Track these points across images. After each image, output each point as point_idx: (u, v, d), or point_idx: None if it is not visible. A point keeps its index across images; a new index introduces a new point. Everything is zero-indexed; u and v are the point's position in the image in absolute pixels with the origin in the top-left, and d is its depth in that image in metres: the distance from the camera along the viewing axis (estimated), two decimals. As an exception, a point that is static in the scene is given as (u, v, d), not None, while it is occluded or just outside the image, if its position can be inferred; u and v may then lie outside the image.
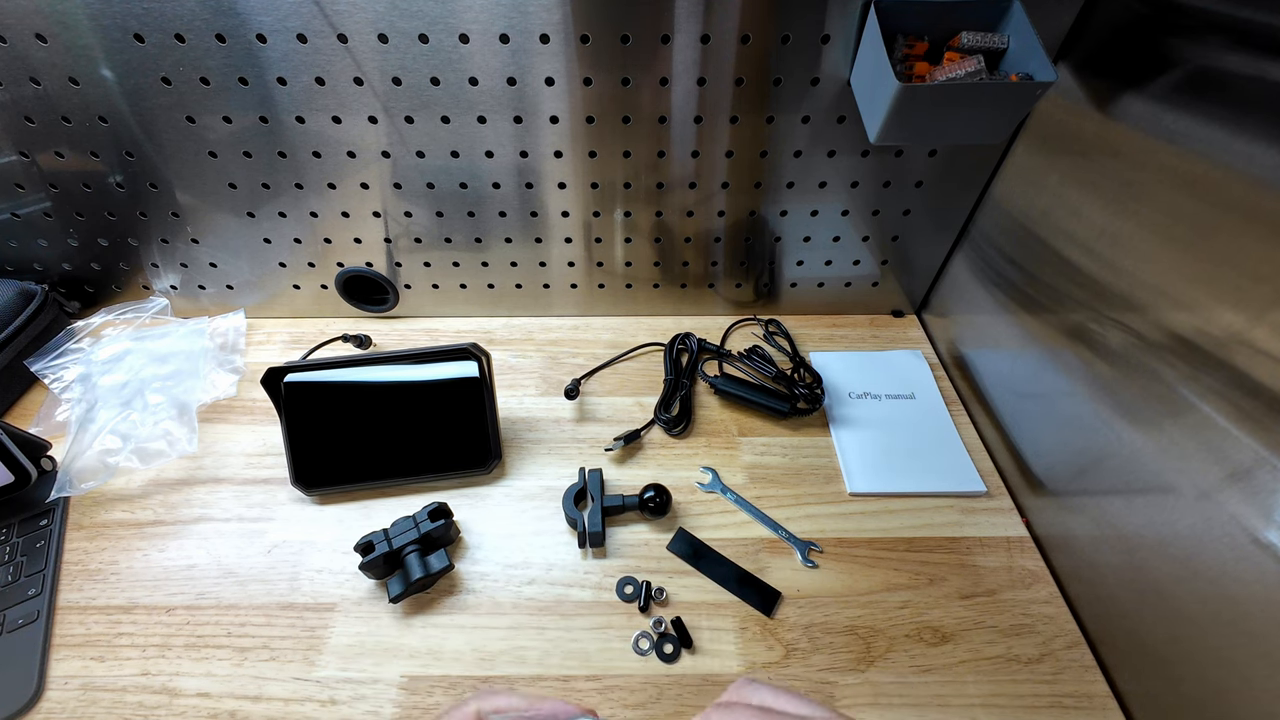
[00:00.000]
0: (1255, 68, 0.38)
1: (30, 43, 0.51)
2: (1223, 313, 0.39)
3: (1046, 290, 0.55)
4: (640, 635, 0.49)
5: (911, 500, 0.58)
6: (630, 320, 0.76)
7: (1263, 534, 0.36)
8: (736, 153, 0.61)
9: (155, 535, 0.54)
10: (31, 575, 0.51)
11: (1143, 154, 0.45)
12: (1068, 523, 0.52)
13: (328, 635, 0.48)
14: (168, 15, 0.50)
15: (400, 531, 0.51)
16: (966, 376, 0.67)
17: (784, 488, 0.59)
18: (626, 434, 0.61)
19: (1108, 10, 0.49)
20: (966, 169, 0.62)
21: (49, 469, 0.57)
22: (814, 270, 0.73)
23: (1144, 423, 0.45)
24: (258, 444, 0.61)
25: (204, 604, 0.50)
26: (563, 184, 0.63)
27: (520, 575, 0.52)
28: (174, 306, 0.72)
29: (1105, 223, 0.48)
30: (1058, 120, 0.54)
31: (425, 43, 0.52)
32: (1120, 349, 0.47)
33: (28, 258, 0.68)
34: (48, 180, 0.61)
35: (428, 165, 0.61)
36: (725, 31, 0.52)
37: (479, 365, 0.57)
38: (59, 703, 0.45)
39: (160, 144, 0.58)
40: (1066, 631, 0.49)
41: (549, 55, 0.53)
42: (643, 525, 0.56)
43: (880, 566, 0.53)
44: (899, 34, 0.50)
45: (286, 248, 0.68)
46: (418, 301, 0.75)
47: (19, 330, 0.63)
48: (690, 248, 0.70)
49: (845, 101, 0.56)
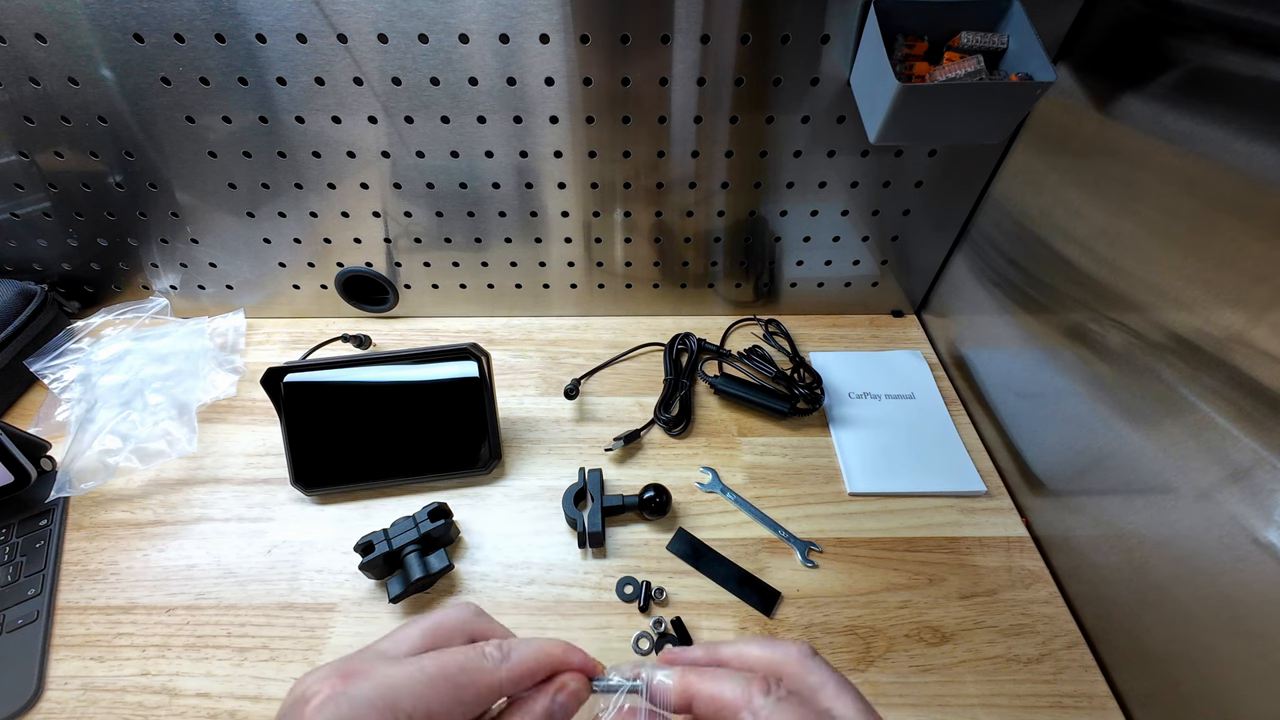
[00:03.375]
0: (1255, 68, 0.38)
1: (30, 43, 0.51)
2: (1223, 313, 0.39)
3: (1046, 290, 0.55)
4: (640, 635, 0.49)
5: (911, 500, 0.58)
6: (630, 320, 0.76)
7: (1262, 534, 0.36)
8: (736, 153, 0.61)
9: (155, 535, 0.54)
10: (31, 575, 0.51)
11: (1142, 154, 0.45)
12: (1068, 523, 0.52)
13: (328, 635, 0.48)
14: (167, 15, 0.50)
15: (400, 531, 0.51)
16: (966, 376, 0.67)
17: (784, 488, 0.59)
18: (626, 434, 0.61)
19: (1107, 10, 0.49)
20: (966, 169, 0.62)
21: (49, 469, 0.57)
22: (814, 270, 0.73)
23: (1144, 423, 0.45)
24: (258, 444, 0.61)
25: (204, 604, 0.50)
26: (562, 184, 0.63)
27: (520, 575, 0.52)
28: (174, 306, 0.71)
29: (1105, 223, 0.48)
30: (1058, 120, 0.54)
31: (425, 43, 0.52)
32: (1120, 349, 0.47)
33: (27, 258, 0.68)
34: (47, 180, 0.61)
35: (427, 165, 0.61)
36: (725, 31, 0.52)
37: (479, 365, 0.57)
38: (59, 703, 0.45)
39: (160, 144, 0.58)
40: (1066, 631, 0.49)
41: (549, 55, 0.53)
42: (643, 525, 0.56)
43: (880, 566, 0.53)
44: (899, 34, 0.50)
45: (286, 248, 0.68)
46: (417, 301, 0.75)
47: (19, 330, 0.63)
48: (690, 248, 0.70)
49: (845, 101, 0.56)
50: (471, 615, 0.28)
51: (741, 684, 0.23)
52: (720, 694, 0.23)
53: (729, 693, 0.23)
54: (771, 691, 0.23)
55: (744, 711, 0.23)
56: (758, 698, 0.23)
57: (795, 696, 0.23)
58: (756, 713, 0.22)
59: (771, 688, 0.23)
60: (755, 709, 0.23)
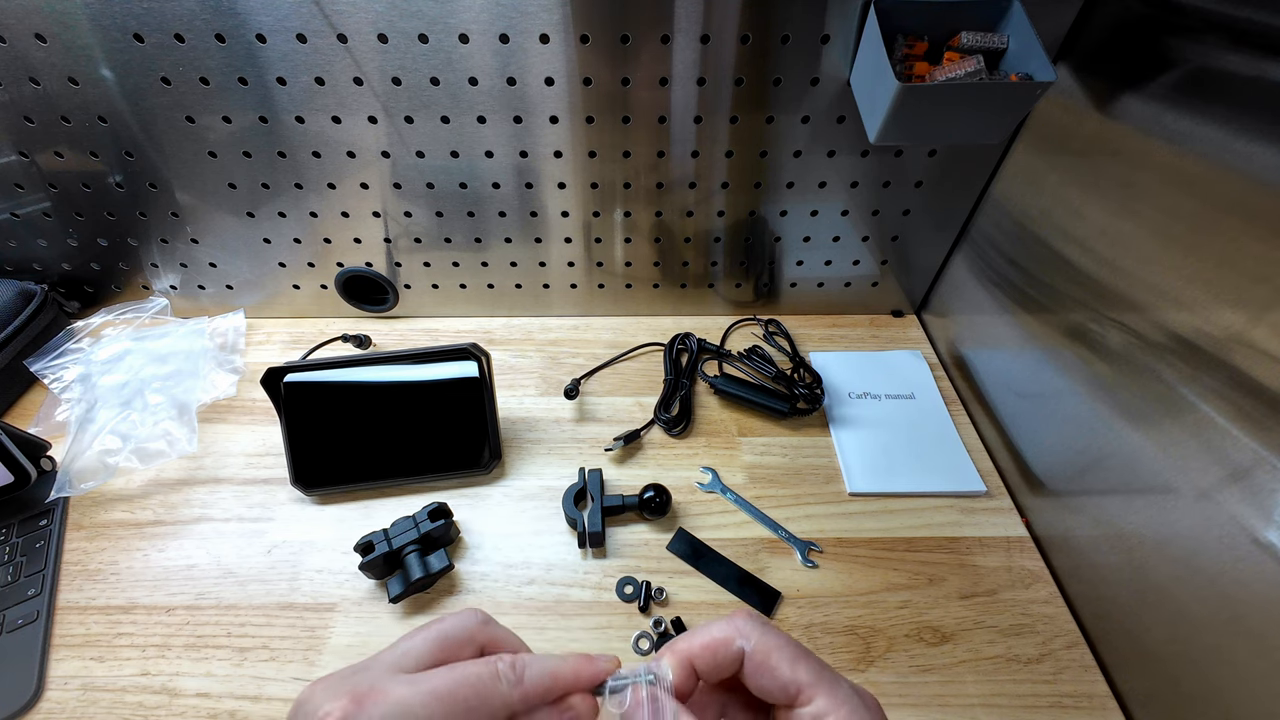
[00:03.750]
0: (1255, 68, 0.38)
1: (30, 43, 0.51)
2: (1222, 313, 0.39)
3: (1046, 290, 0.55)
4: (640, 635, 0.49)
5: (911, 500, 0.58)
6: (630, 320, 0.76)
7: (1262, 534, 0.36)
8: (736, 153, 0.61)
9: (155, 535, 0.54)
10: (31, 575, 0.51)
11: (1143, 154, 0.45)
12: (1068, 523, 0.52)
13: (328, 635, 0.48)
14: (167, 15, 0.50)
15: (400, 531, 0.51)
16: (966, 376, 0.67)
17: (784, 488, 0.59)
18: (626, 434, 0.61)
19: (1107, 10, 0.49)
20: (966, 169, 0.62)
21: (49, 469, 0.57)
22: (814, 270, 0.73)
23: (1144, 423, 0.45)
24: (257, 444, 0.61)
25: (204, 604, 0.50)
26: (562, 184, 0.63)
27: (520, 575, 0.52)
28: (174, 306, 0.72)
29: (1105, 223, 0.48)
30: (1058, 120, 0.54)
31: (425, 43, 0.52)
32: (1120, 349, 0.47)
33: (27, 258, 0.68)
34: (47, 180, 0.61)
35: (427, 165, 0.61)
36: (725, 31, 0.52)
37: (479, 365, 0.57)
38: (59, 703, 0.45)
39: (160, 144, 0.58)
40: (1066, 631, 0.49)
41: (549, 55, 0.53)
42: (642, 525, 0.56)
43: (880, 566, 0.53)
44: (899, 34, 0.50)
45: (286, 248, 0.68)
46: (417, 301, 0.75)
47: (19, 330, 0.63)
48: (690, 248, 0.70)
49: (845, 101, 0.56)
50: (479, 624, 0.28)
51: (724, 621, 0.26)
52: (710, 636, 0.25)
53: (717, 631, 0.25)
54: (752, 618, 0.26)
55: (736, 639, 0.25)
56: (744, 624, 0.25)
57: (766, 620, 0.26)
58: (748, 636, 0.25)
59: (752, 618, 0.26)
60: (745, 633, 0.25)
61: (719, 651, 0.25)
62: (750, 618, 0.26)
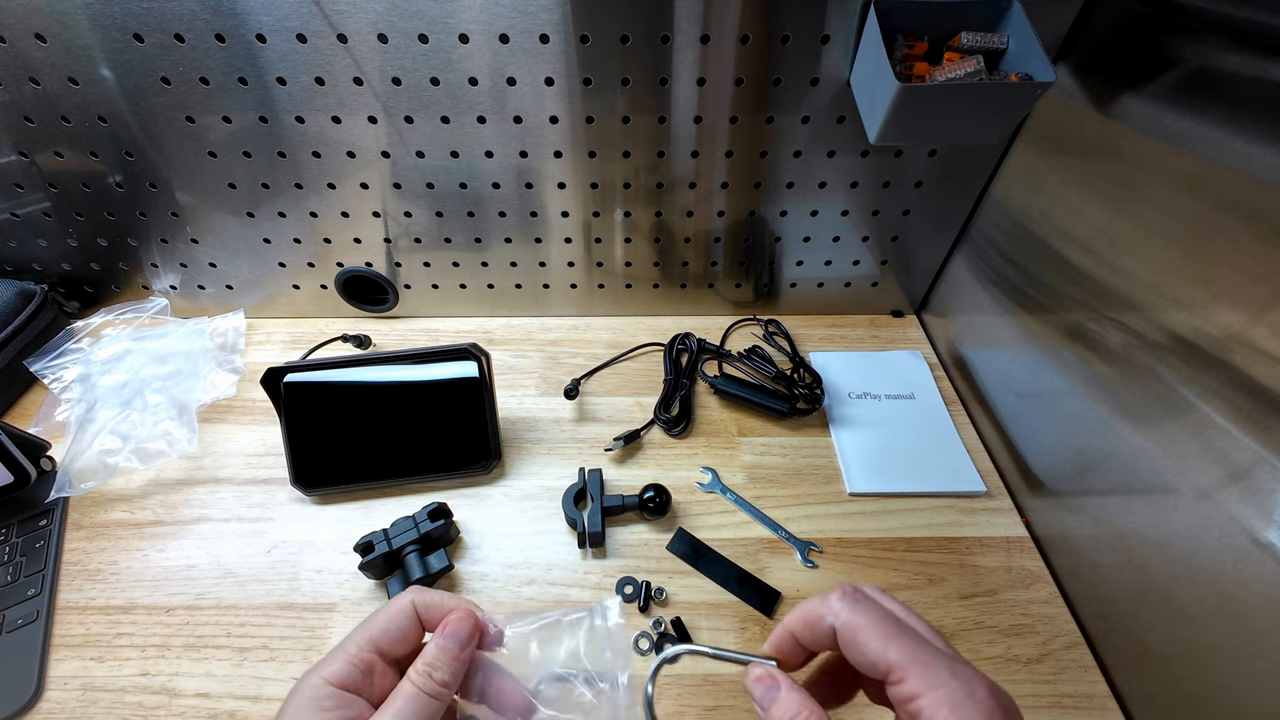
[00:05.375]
0: (1255, 68, 0.38)
1: (30, 43, 0.51)
2: (1222, 313, 0.39)
3: (1046, 290, 0.55)
4: (640, 635, 0.49)
5: (911, 500, 0.58)
6: (630, 320, 0.76)
7: (1262, 534, 0.36)
8: (736, 153, 0.61)
9: (155, 535, 0.54)
10: (31, 575, 0.51)
11: (1142, 154, 0.45)
12: (1068, 523, 0.52)
13: (328, 635, 0.48)
14: (167, 15, 0.50)
15: (400, 531, 0.51)
16: (966, 376, 0.67)
17: (784, 488, 0.59)
18: (626, 434, 0.61)
19: (1107, 10, 0.49)
20: (966, 169, 0.62)
21: (49, 469, 0.57)
22: (814, 270, 0.73)
23: (1144, 423, 0.45)
24: (257, 444, 0.61)
25: (203, 604, 0.50)
26: (562, 184, 0.63)
27: (520, 575, 0.52)
28: (174, 306, 0.72)
29: (1105, 223, 0.48)
30: (1058, 120, 0.54)
31: (425, 43, 0.52)
32: (1120, 349, 0.47)
33: (27, 258, 0.68)
34: (47, 180, 0.61)
35: (427, 165, 0.61)
36: (725, 31, 0.52)
37: (479, 365, 0.57)
38: (58, 703, 0.45)
39: (160, 144, 0.58)
40: (1066, 631, 0.49)
41: (549, 55, 0.53)
42: (642, 525, 0.56)
43: (880, 566, 0.53)
44: (899, 34, 0.50)
45: (286, 248, 0.68)
46: (417, 301, 0.75)
47: (18, 330, 0.63)
48: (690, 248, 0.70)
49: (845, 101, 0.56)
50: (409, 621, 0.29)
51: (819, 598, 0.27)
52: (805, 611, 0.27)
53: (810, 609, 0.27)
54: (847, 596, 0.26)
55: (826, 616, 0.26)
56: (836, 602, 0.26)
57: (866, 598, 0.26)
58: (837, 614, 0.26)
59: (846, 594, 0.26)
60: (835, 610, 0.26)
61: (814, 627, 0.26)
62: (845, 594, 0.26)
